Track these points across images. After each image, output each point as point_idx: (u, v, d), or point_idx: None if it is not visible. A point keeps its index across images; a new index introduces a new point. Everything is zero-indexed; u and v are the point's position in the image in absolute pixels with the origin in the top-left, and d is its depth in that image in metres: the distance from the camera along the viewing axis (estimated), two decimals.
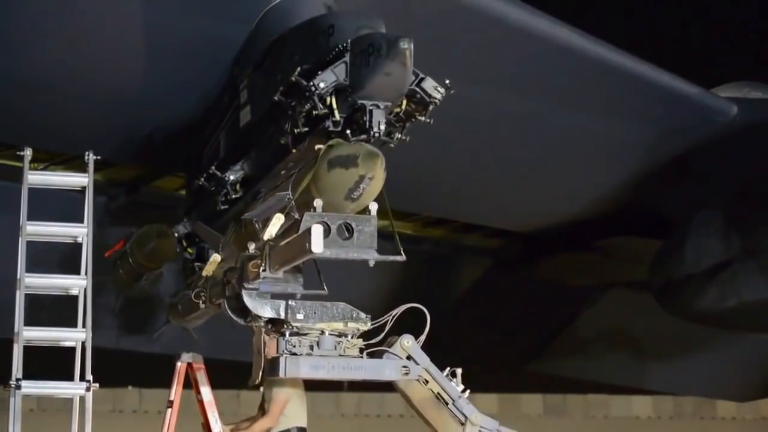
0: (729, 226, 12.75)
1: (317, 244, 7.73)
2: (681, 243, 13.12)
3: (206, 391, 10.07)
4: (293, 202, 8.21)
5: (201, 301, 9.93)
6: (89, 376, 8.82)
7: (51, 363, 9.61)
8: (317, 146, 8.04)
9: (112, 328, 13.76)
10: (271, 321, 8.81)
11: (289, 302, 8.70)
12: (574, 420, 41.01)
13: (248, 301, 8.76)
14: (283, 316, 8.67)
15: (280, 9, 9.23)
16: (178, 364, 10.13)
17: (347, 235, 8.07)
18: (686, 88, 12.30)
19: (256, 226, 8.66)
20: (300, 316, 8.61)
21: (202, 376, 10.08)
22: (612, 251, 15.10)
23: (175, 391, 10.17)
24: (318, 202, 8.00)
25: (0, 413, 9.98)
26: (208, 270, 9.59)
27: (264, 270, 8.54)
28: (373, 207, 8.19)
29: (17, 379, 8.68)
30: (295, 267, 8.82)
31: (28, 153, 9.53)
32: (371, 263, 8.16)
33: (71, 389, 8.92)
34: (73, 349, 9.03)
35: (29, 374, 8.74)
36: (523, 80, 11.58)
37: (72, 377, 8.96)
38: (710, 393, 24.13)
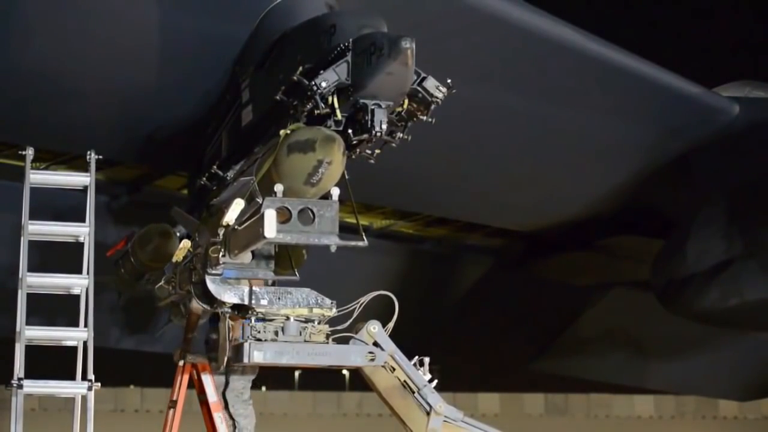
0: (731, 225, 12.75)
1: (270, 229, 7.73)
2: (683, 242, 13.13)
3: (211, 392, 10.02)
4: (257, 187, 8.21)
5: (171, 287, 9.92)
6: (91, 376, 8.81)
7: (53, 362, 9.61)
8: (280, 131, 8.06)
9: (113, 328, 13.76)
10: (236, 307, 8.79)
11: (254, 288, 8.67)
12: (576, 419, 41.08)
13: (212, 286, 8.73)
14: (247, 301, 8.66)
15: (281, 8, 9.24)
16: (181, 363, 10.11)
17: (309, 220, 8.05)
18: (688, 87, 12.31)
19: (225, 211, 8.65)
20: (264, 302, 8.58)
21: (206, 377, 10.04)
22: (614, 251, 15.10)
23: (178, 392, 10.15)
24: (278, 187, 7.98)
25: (2, 412, 9.99)
26: (178, 256, 9.56)
27: (224, 255, 8.54)
28: (335, 192, 8.17)
29: (19, 379, 8.66)
30: (266, 254, 8.83)
31: (30, 152, 9.51)
32: (333, 248, 8.12)
33: (73, 388, 8.90)
34: (74, 349, 9.03)
35: (31, 374, 8.74)
36: (525, 80, 11.58)
37: (74, 376, 8.95)
38: (712, 392, 24.11)
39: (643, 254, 14.18)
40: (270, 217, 7.75)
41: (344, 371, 33.75)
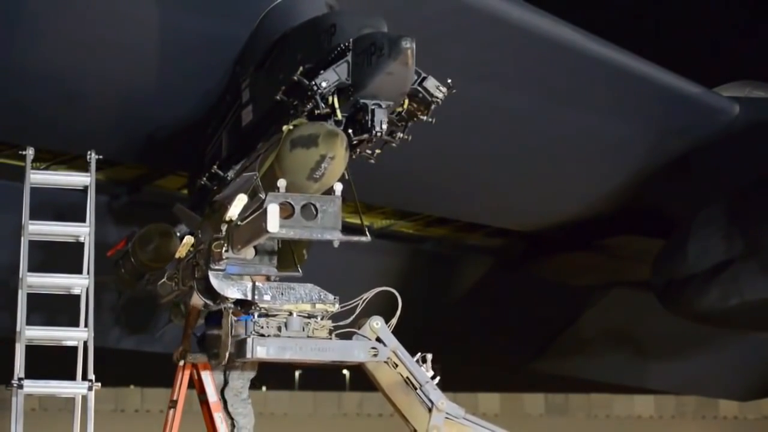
0: (731, 225, 12.75)
1: (273, 224, 7.73)
2: (683, 242, 13.13)
3: (211, 392, 10.01)
4: (260, 182, 8.21)
5: (174, 283, 9.93)
6: (91, 376, 8.81)
7: (53, 362, 9.61)
8: (283, 127, 8.08)
9: (114, 328, 13.77)
10: (239, 302, 8.78)
11: (257, 283, 8.67)
12: (576, 419, 41.08)
13: (215, 282, 8.72)
14: (250, 297, 8.65)
15: (281, 8, 9.25)
16: (181, 363, 10.11)
17: (311, 215, 8.05)
18: (688, 87, 12.31)
19: (228, 207, 8.65)
20: (267, 297, 8.56)
21: (207, 376, 10.04)
22: (614, 250, 15.11)
23: (178, 392, 10.15)
24: (281, 182, 7.99)
25: (2, 412, 9.98)
26: (181, 252, 9.55)
27: (227, 250, 8.55)
28: (338, 187, 8.17)
29: (19, 379, 8.66)
30: (269, 250, 8.83)
31: (30, 152, 9.51)
32: (336, 244, 8.12)
33: (73, 388, 8.90)
34: (74, 349, 9.03)
35: (31, 374, 8.74)
36: (525, 79, 11.58)
37: (74, 377, 8.95)
38: (712, 392, 24.11)
39: (643, 254, 14.18)
40: (273, 212, 7.75)
41: (345, 371, 33.75)
